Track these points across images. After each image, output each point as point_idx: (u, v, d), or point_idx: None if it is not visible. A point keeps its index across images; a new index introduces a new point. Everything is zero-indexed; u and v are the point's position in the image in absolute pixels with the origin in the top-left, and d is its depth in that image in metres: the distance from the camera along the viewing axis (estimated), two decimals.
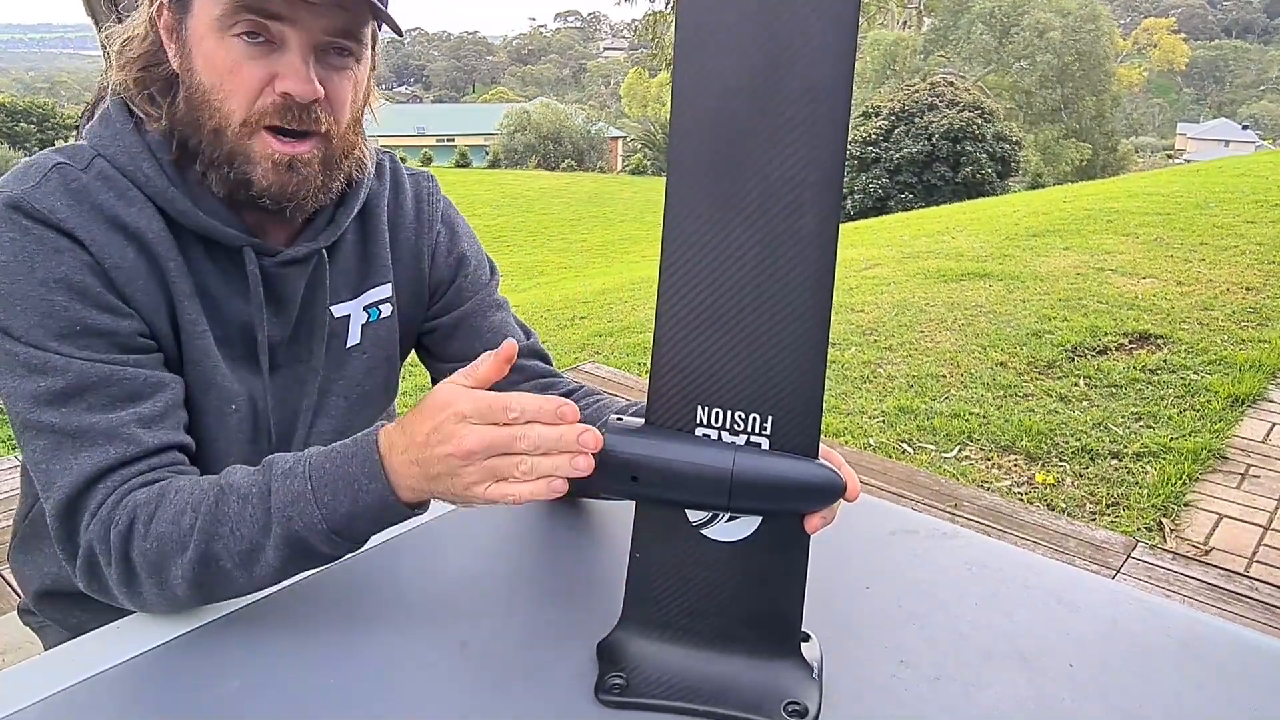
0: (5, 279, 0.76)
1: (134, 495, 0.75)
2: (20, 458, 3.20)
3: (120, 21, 0.86)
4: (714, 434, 0.67)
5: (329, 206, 0.91)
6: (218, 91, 0.79)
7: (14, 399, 0.77)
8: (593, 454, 0.65)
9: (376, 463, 0.69)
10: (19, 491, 1.03)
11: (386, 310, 0.99)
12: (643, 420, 0.69)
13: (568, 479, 0.65)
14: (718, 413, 0.67)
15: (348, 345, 0.96)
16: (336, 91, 0.82)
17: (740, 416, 0.66)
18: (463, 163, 34.90)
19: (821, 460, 0.68)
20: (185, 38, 0.80)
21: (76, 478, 0.75)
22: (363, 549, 0.76)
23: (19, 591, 1.07)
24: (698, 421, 0.67)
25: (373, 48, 0.85)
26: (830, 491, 0.67)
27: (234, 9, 0.76)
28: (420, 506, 0.72)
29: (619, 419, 0.69)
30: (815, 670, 0.70)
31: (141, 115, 0.83)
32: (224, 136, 0.80)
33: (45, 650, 1.03)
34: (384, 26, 0.84)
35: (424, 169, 1.05)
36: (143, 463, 0.77)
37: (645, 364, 4.34)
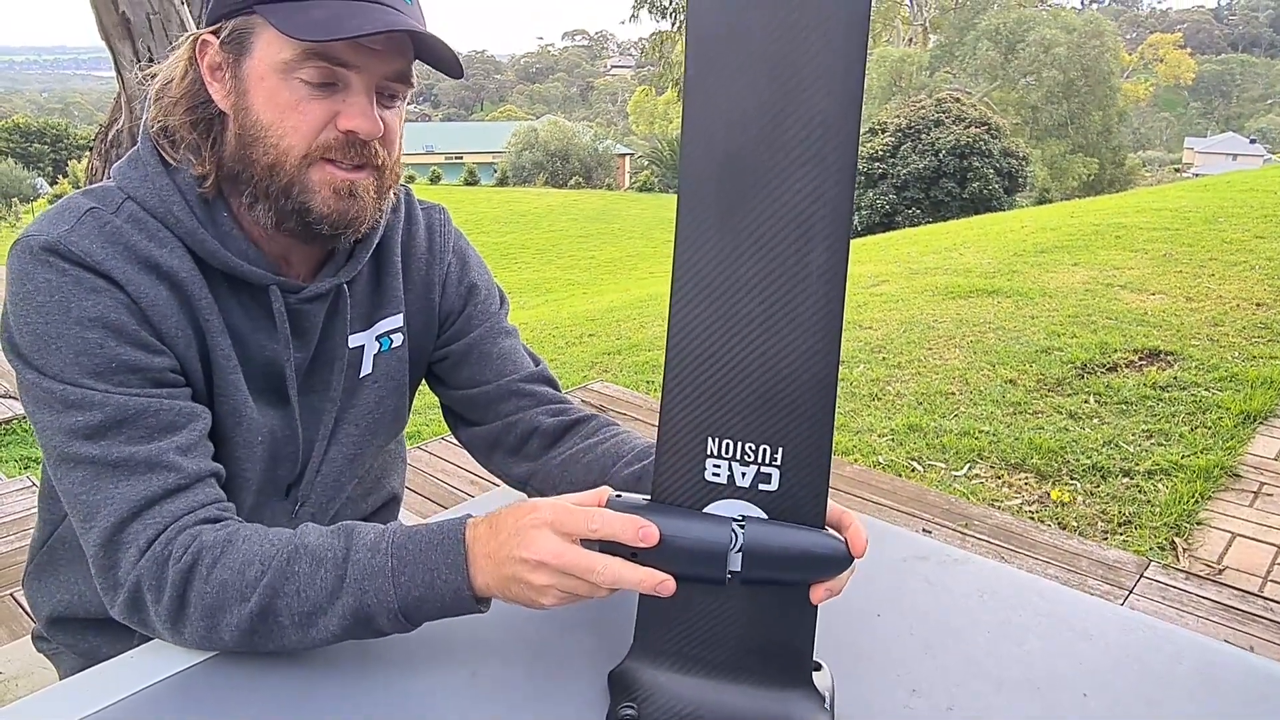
0: (41, 319, 0.77)
1: (200, 535, 0.76)
2: (35, 479, 3.21)
3: (134, 44, 0.88)
4: (724, 465, 0.68)
5: (348, 242, 0.92)
6: (277, 128, 0.81)
7: (50, 433, 0.78)
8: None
9: (461, 555, 0.72)
10: (32, 514, 1.04)
11: (398, 340, 1.00)
12: (646, 498, 0.70)
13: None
14: (728, 444, 0.67)
15: (361, 375, 0.98)
16: (390, 127, 0.85)
17: (750, 448, 0.67)
18: (471, 180, 35.00)
19: (829, 530, 0.69)
20: (242, 76, 0.82)
21: (121, 507, 0.76)
22: None
23: (33, 617, 1.08)
24: (708, 452, 0.68)
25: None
26: (836, 562, 0.68)
27: (304, 55, 0.78)
28: (485, 603, 0.74)
29: (618, 496, 0.71)
30: (827, 700, 0.70)
31: (173, 159, 0.85)
32: (281, 170, 0.82)
33: (60, 677, 1.03)
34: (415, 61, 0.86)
35: (436, 202, 1.07)
36: (187, 493, 0.78)
37: (653, 382, 4.34)
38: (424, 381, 1.09)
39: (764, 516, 0.68)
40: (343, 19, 0.77)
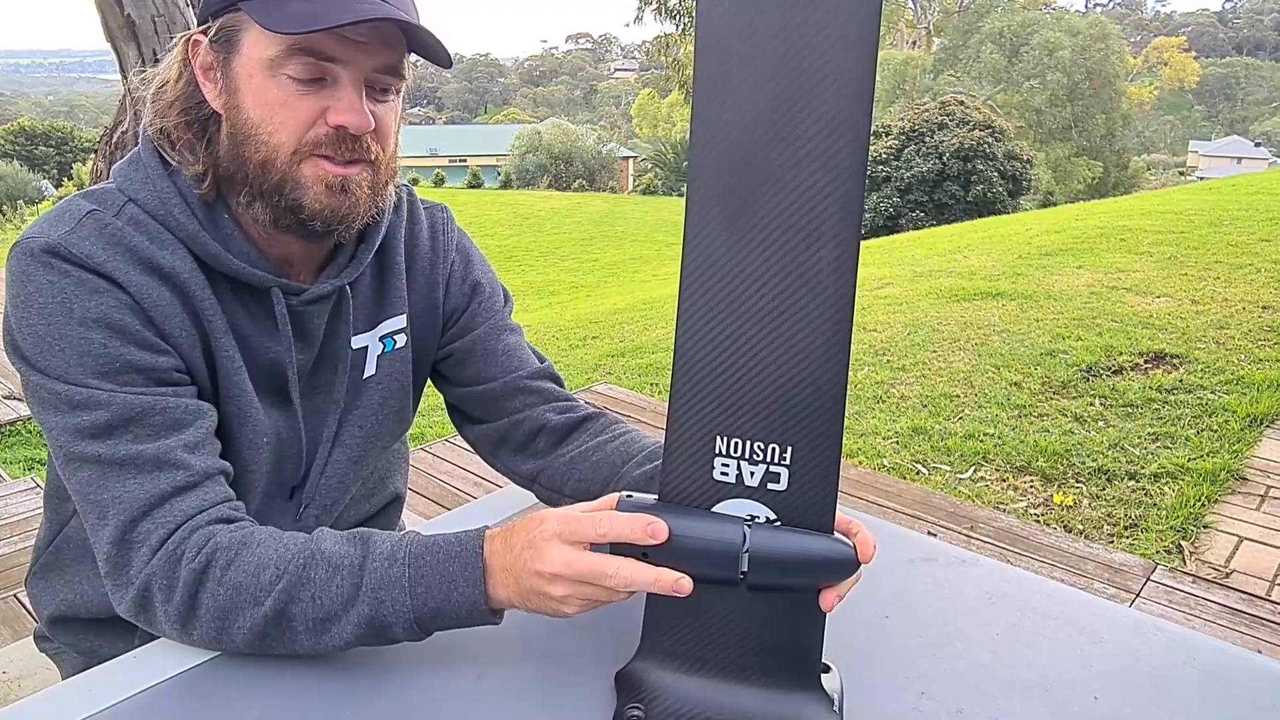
0: (43, 321, 0.77)
1: (214, 536, 0.75)
2: (39, 481, 3.21)
3: (139, 46, 0.88)
4: (733, 464, 0.67)
5: (350, 243, 0.92)
6: (266, 125, 0.80)
7: (57, 434, 0.78)
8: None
9: (479, 569, 0.71)
10: (36, 516, 1.03)
11: (401, 340, 0.99)
12: (655, 497, 0.70)
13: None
14: (736, 442, 0.67)
15: (364, 376, 0.97)
16: (383, 122, 0.84)
17: (759, 446, 0.66)
18: (475, 183, 35.02)
19: (836, 535, 0.68)
20: (231, 75, 0.81)
21: (131, 506, 0.76)
22: None
23: (35, 617, 1.07)
24: (716, 451, 0.67)
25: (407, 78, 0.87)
26: (844, 566, 0.67)
27: (289, 51, 0.78)
28: (499, 615, 0.74)
29: (630, 496, 0.70)
30: (836, 702, 0.70)
31: (173, 161, 0.84)
32: (273, 167, 0.81)
33: (62, 678, 1.03)
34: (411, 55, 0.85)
35: (439, 202, 1.07)
36: (196, 491, 0.78)
37: (657, 384, 4.34)
38: (429, 381, 1.09)
39: (773, 516, 0.67)
40: (322, 11, 0.76)
